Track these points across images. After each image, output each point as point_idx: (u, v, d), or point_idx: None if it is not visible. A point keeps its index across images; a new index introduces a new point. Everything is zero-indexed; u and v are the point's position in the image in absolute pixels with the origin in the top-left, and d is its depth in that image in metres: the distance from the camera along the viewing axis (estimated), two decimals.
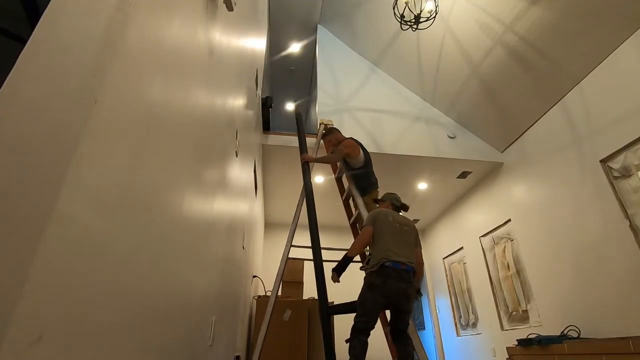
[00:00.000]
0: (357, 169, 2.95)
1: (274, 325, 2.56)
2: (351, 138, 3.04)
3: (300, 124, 3.41)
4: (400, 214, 2.39)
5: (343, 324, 2.11)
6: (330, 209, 4.25)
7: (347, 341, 1.91)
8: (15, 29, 0.67)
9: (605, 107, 3.10)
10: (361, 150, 2.95)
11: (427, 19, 3.39)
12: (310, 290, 3.69)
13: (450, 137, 4.46)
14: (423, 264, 2.25)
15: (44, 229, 0.38)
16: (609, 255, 2.95)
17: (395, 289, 1.96)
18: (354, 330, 1.92)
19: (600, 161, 3.09)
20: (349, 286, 2.46)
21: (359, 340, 1.89)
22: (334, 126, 3.40)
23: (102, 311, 0.52)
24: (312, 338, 3.06)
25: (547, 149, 3.74)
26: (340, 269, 2.20)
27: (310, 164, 3.00)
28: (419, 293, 2.17)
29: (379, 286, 1.96)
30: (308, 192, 2.76)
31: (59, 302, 0.41)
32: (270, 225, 5.88)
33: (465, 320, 5.00)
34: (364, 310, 1.96)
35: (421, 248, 2.26)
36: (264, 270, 4.70)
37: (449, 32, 3.87)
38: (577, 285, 3.24)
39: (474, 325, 4.80)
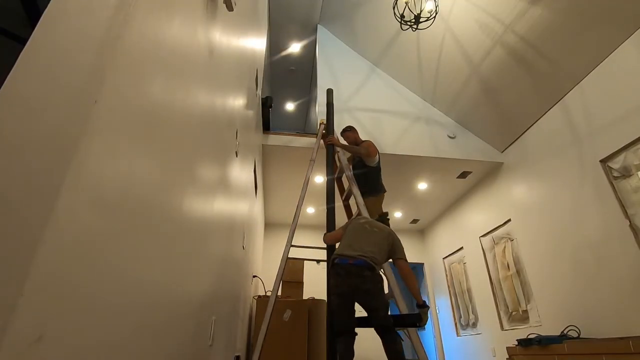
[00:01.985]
0: (371, 167, 3.04)
1: (274, 325, 2.56)
2: (369, 140, 3.20)
3: (331, 105, 3.48)
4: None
5: None
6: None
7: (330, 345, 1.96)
8: (15, 29, 0.67)
9: (605, 107, 3.10)
10: (378, 152, 3.11)
11: (427, 19, 3.39)
12: (310, 290, 3.70)
13: (450, 137, 4.46)
14: (409, 274, 2.05)
15: (44, 229, 0.38)
16: (609, 255, 2.94)
17: (346, 287, 1.92)
18: (335, 334, 1.97)
19: (600, 161, 3.09)
20: None
21: (340, 342, 1.92)
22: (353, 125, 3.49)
23: (102, 311, 0.52)
24: (312, 338, 3.06)
25: (547, 149, 3.74)
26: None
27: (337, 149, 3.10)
28: (424, 306, 1.97)
29: (332, 287, 1.98)
30: (329, 185, 2.79)
31: (59, 302, 0.41)
32: (270, 225, 5.88)
33: (465, 320, 5.00)
34: (333, 312, 2.00)
35: (403, 259, 2.09)
36: (264, 270, 4.70)
37: (449, 32, 3.87)
38: (577, 285, 3.24)
39: (474, 325, 4.80)
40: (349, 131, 3.30)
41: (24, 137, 0.41)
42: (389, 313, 1.98)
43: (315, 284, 3.47)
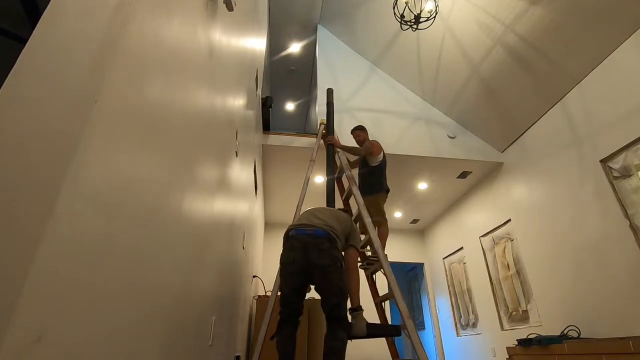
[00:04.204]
0: (373, 166, 3.10)
1: (274, 325, 2.56)
2: (374, 140, 3.27)
3: (331, 105, 3.52)
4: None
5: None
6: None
7: (272, 338, 1.68)
8: (15, 29, 0.67)
9: (605, 107, 3.10)
10: (382, 151, 3.17)
11: (427, 19, 3.39)
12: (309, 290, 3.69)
13: (450, 137, 4.46)
14: (353, 268, 1.78)
15: (44, 229, 0.38)
16: (609, 255, 2.94)
17: (302, 262, 1.62)
18: (278, 323, 1.70)
19: (600, 161, 3.09)
20: None
21: (280, 332, 1.66)
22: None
23: (102, 311, 0.52)
24: (312, 338, 3.06)
25: (547, 149, 3.74)
26: None
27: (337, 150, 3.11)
28: (355, 310, 1.73)
29: (284, 264, 1.68)
30: (329, 185, 2.80)
31: (59, 302, 0.41)
32: (270, 225, 5.88)
33: (465, 320, 5.00)
34: (282, 296, 1.71)
35: (355, 248, 1.85)
36: (264, 270, 4.70)
37: (449, 32, 3.87)
38: (577, 285, 3.24)
39: (474, 325, 4.80)
40: (359, 129, 3.36)
41: (24, 137, 0.41)
42: (344, 306, 1.67)
43: None
